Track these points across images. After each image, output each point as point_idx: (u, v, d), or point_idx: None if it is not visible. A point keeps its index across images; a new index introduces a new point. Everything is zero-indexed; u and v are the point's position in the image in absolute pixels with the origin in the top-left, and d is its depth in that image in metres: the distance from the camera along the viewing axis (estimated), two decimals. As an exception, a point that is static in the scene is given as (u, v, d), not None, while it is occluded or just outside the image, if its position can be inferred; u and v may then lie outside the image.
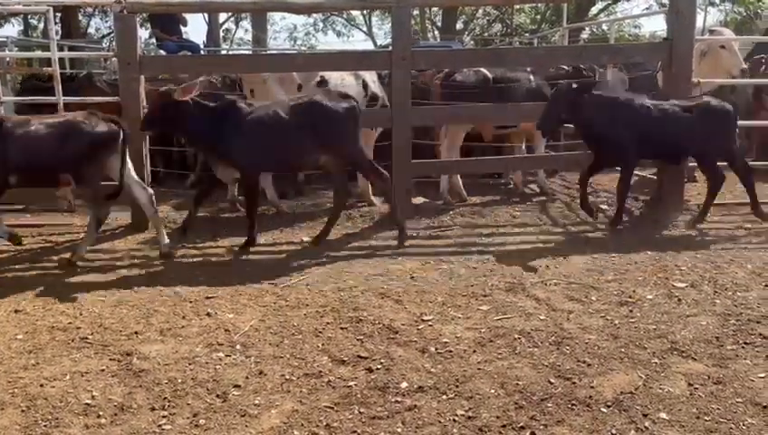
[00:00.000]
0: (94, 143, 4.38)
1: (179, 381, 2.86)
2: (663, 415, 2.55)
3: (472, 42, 25.50)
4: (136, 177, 4.84)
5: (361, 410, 2.62)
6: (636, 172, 6.85)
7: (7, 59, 8.25)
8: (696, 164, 6.78)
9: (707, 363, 2.96)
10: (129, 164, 4.72)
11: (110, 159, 4.54)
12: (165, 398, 2.73)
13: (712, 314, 3.50)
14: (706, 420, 2.52)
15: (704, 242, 4.86)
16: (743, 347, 3.11)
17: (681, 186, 5.84)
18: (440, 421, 2.53)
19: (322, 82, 6.05)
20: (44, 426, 2.54)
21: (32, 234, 5.37)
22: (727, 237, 4.99)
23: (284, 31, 32.89)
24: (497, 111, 6.13)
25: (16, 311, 3.69)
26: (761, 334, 3.23)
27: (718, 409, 2.59)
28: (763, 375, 2.84)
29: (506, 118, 6.37)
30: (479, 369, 2.93)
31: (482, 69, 6.37)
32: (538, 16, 25.79)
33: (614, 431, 2.43)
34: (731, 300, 3.69)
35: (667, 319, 3.44)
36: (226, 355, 3.10)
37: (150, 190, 4.86)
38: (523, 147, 7.06)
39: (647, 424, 2.49)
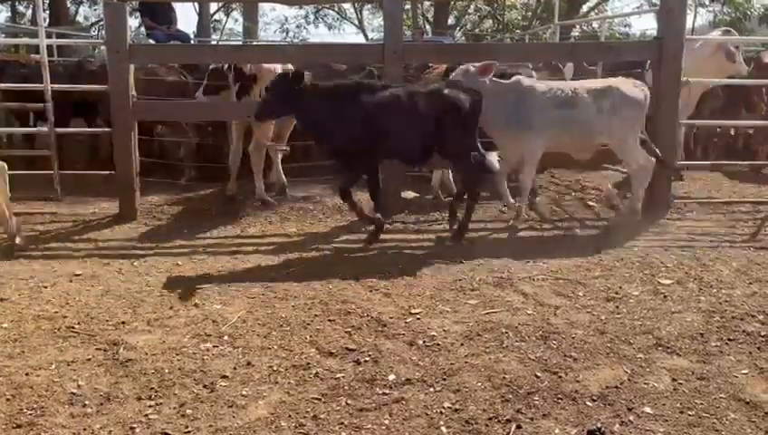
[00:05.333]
0: None
1: (166, 371, 2.85)
2: (647, 409, 2.58)
3: (463, 37, 25.51)
4: None
5: (349, 401, 2.63)
6: (624, 170, 6.92)
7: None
8: (684, 162, 6.88)
9: (691, 359, 2.99)
10: None
11: None
12: (152, 388, 2.72)
13: (697, 310, 3.54)
14: (690, 415, 2.55)
15: (690, 240, 4.91)
16: (726, 344, 3.15)
17: (668, 184, 5.88)
18: (427, 414, 2.55)
19: None
20: (30, 415, 2.52)
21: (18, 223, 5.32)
22: (713, 235, 5.03)
23: (275, 23, 32.71)
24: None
25: (2, 299, 3.66)
26: (744, 331, 3.27)
27: (701, 404, 2.62)
28: (745, 371, 2.88)
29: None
30: (466, 362, 2.94)
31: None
32: (529, 13, 25.82)
33: (599, 425, 2.45)
34: (715, 297, 3.73)
35: (653, 315, 3.47)
36: (214, 346, 3.10)
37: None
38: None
39: (631, 418, 2.52)
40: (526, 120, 4.90)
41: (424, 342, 3.14)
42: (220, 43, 20.17)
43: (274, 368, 2.89)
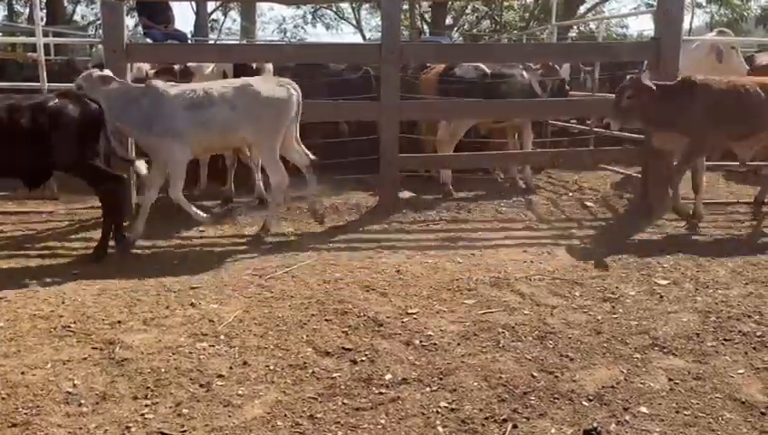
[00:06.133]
0: None
1: (162, 370, 2.84)
2: (643, 409, 2.58)
3: (461, 38, 25.54)
4: None
5: (345, 401, 2.63)
6: (621, 171, 6.95)
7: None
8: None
9: (687, 359, 3.00)
10: None
11: None
12: (147, 387, 2.71)
13: (693, 311, 3.54)
14: (686, 415, 2.55)
15: (686, 240, 4.92)
16: (722, 344, 3.15)
17: (666, 185, 5.89)
18: (423, 413, 2.55)
19: None
20: (25, 414, 2.52)
21: (14, 221, 5.32)
22: (710, 236, 5.04)
23: (273, 22, 32.74)
24: (487, 106, 6.17)
25: (-3, 298, 3.65)
26: (740, 331, 3.27)
27: (697, 404, 2.63)
28: (741, 371, 2.88)
29: (495, 113, 6.41)
30: (463, 362, 2.94)
31: (480, 65, 6.41)
32: (526, 14, 25.86)
33: (595, 424, 2.45)
34: (712, 298, 3.74)
35: (649, 315, 3.48)
36: (210, 345, 3.09)
37: None
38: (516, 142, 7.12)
39: (627, 418, 2.52)
40: (161, 125, 4.59)
41: (420, 341, 3.14)
42: (218, 42, 20.16)
43: (271, 367, 2.89)
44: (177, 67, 6.50)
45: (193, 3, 18.43)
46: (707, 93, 5.00)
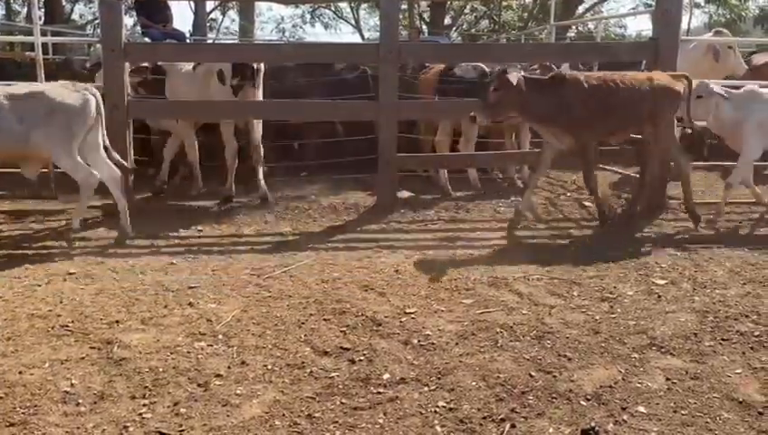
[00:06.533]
0: None
1: (160, 370, 2.84)
2: (641, 409, 2.58)
3: (459, 38, 25.55)
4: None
5: (343, 400, 2.63)
6: (619, 170, 6.95)
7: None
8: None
9: (685, 359, 3.00)
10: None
11: None
12: (145, 386, 2.71)
13: (691, 310, 3.55)
14: (683, 414, 2.55)
15: (684, 240, 4.92)
16: (720, 343, 3.16)
17: (664, 184, 5.90)
18: (421, 413, 2.55)
19: None
20: (23, 413, 2.51)
21: (12, 220, 5.31)
22: (708, 236, 5.04)
23: (271, 22, 32.73)
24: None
25: (-5, 298, 3.65)
26: (738, 331, 3.28)
27: (695, 403, 2.63)
28: (739, 371, 2.89)
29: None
30: (461, 361, 2.94)
31: (479, 64, 6.42)
32: (525, 14, 25.86)
33: (593, 424, 2.46)
34: (709, 297, 3.74)
35: (647, 315, 3.48)
36: (208, 345, 3.09)
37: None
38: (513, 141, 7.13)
39: (625, 417, 2.52)
40: None
41: (419, 341, 3.14)
42: (216, 41, 20.14)
43: (269, 367, 2.89)
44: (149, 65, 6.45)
45: (191, 2, 18.42)
46: (577, 88, 4.85)
